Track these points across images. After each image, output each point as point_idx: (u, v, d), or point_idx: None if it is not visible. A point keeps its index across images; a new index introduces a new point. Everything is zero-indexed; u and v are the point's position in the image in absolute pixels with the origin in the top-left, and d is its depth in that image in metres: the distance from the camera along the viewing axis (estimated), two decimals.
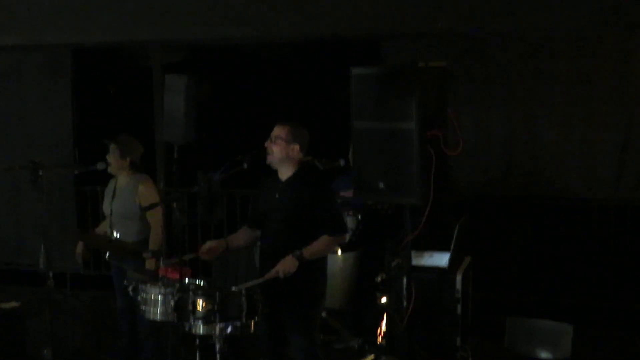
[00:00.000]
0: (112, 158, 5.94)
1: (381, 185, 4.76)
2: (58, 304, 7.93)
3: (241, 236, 5.20)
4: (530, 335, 6.23)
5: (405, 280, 5.02)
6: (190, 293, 4.55)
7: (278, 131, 4.91)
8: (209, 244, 5.01)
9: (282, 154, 4.89)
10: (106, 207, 6.06)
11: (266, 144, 4.91)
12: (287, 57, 10.39)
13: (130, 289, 4.87)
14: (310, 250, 4.77)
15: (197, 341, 4.76)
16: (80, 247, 6.06)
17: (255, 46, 9.59)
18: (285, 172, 4.95)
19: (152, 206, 5.40)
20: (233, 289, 4.63)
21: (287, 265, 4.69)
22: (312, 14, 7.70)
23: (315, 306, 4.99)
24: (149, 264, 5.53)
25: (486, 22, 7.30)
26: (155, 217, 5.76)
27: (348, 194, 6.17)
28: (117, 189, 6.02)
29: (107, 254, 5.92)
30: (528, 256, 7.84)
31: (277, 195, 4.94)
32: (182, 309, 4.55)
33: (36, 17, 8.41)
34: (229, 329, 4.57)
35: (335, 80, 6.92)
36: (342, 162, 6.24)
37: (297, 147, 4.90)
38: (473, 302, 5.96)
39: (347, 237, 5.57)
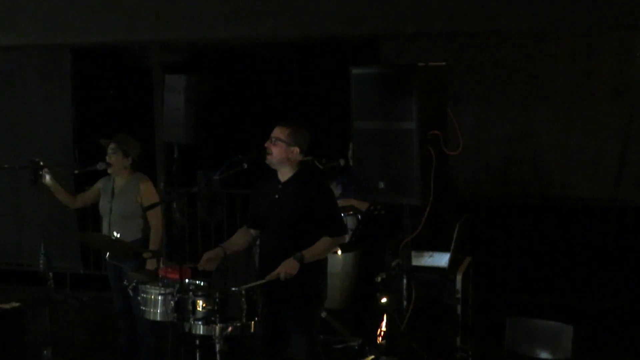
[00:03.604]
0: (114, 158, 5.91)
1: (381, 185, 4.76)
2: (58, 304, 7.96)
3: (239, 239, 5.15)
4: (530, 335, 6.21)
5: (405, 280, 5.02)
6: (190, 293, 4.55)
7: (278, 132, 4.90)
8: (207, 255, 4.95)
9: (281, 156, 4.88)
10: (105, 207, 6.04)
11: (266, 145, 4.90)
12: (287, 57, 10.38)
13: (129, 289, 4.87)
14: (311, 252, 4.78)
15: (197, 341, 4.76)
16: None
17: (255, 46, 9.58)
18: (285, 173, 4.94)
19: (153, 206, 5.41)
20: (234, 289, 4.63)
21: (288, 267, 4.69)
22: (312, 13, 7.69)
23: (316, 306, 5.00)
24: (150, 264, 5.52)
25: (486, 22, 7.30)
26: (157, 216, 5.77)
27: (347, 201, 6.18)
28: (115, 189, 6.00)
29: (107, 254, 5.92)
30: (528, 256, 7.83)
31: (276, 196, 4.93)
32: (182, 309, 4.54)
33: (36, 17, 8.41)
34: (229, 329, 4.56)
35: (335, 80, 6.91)
36: (342, 162, 6.24)
37: (296, 149, 4.89)
38: (473, 302, 5.96)
39: (347, 237, 5.57)
